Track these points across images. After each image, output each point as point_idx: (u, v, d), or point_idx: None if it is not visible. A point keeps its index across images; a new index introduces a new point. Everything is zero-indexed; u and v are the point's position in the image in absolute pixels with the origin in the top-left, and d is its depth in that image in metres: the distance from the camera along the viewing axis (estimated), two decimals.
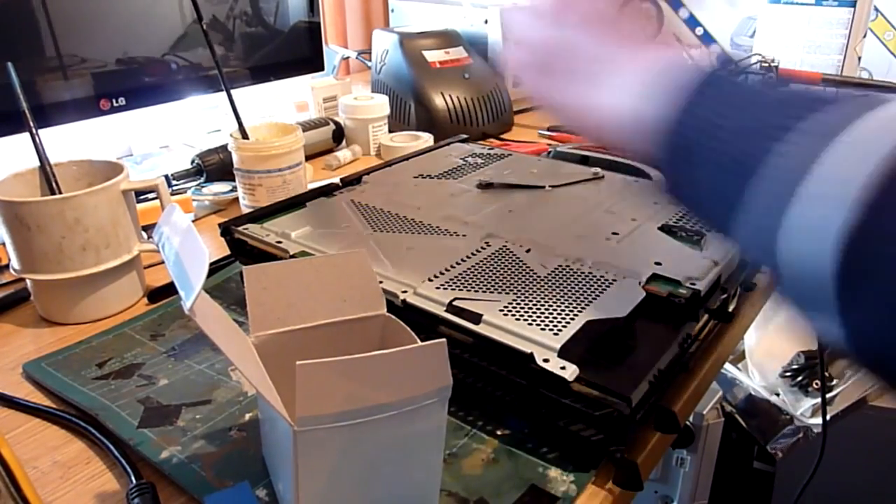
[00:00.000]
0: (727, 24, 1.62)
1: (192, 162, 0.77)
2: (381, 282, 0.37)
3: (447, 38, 0.97)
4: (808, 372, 1.11)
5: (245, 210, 0.67)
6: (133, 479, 0.35)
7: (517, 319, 0.38)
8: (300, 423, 0.27)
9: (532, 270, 0.44)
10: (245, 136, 0.65)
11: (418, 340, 0.32)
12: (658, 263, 0.44)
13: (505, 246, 0.47)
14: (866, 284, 0.24)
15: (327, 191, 0.58)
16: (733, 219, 0.30)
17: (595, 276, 0.43)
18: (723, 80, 0.33)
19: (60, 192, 0.52)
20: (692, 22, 1.67)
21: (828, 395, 1.05)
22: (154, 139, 0.89)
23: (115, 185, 0.50)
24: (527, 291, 0.41)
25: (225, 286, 0.55)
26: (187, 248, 0.28)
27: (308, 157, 0.81)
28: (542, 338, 0.36)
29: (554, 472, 0.36)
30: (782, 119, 0.28)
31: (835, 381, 1.09)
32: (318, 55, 1.01)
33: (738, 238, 0.30)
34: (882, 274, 0.23)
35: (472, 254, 0.46)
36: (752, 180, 0.29)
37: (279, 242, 0.49)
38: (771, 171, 0.27)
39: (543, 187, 0.58)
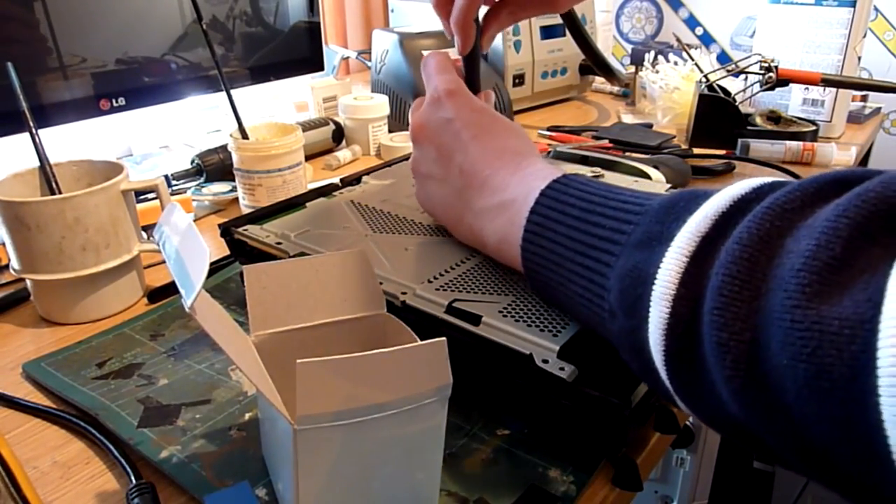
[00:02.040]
0: (727, 24, 1.62)
1: (192, 162, 0.77)
2: (380, 283, 0.37)
3: (447, 39, 0.97)
4: None
5: (245, 210, 0.67)
6: (133, 479, 0.35)
7: (516, 321, 0.38)
8: (300, 422, 0.27)
9: None
10: (245, 136, 0.65)
11: (418, 340, 0.32)
12: None
13: None
14: (686, 370, 0.26)
15: (327, 191, 0.58)
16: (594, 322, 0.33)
17: None
18: (559, 193, 0.36)
19: (60, 192, 0.52)
20: (692, 22, 1.67)
21: None
22: (154, 139, 0.89)
23: (115, 185, 0.50)
24: (526, 293, 0.41)
25: (225, 286, 0.55)
26: (188, 246, 0.28)
27: (308, 157, 0.81)
28: (541, 339, 0.36)
29: (554, 472, 0.36)
30: (611, 234, 0.31)
31: None
32: (318, 55, 1.01)
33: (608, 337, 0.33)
34: (693, 358, 0.25)
35: (472, 255, 0.46)
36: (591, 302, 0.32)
37: (279, 243, 0.49)
38: (615, 283, 0.30)
39: None
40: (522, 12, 0.51)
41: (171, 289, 0.55)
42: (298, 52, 0.98)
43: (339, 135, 0.91)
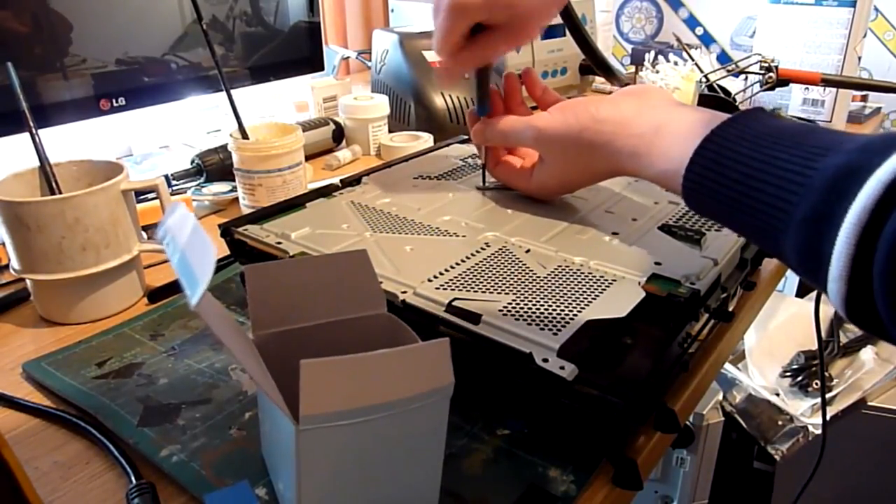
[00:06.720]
0: (727, 24, 1.62)
1: (192, 162, 0.77)
2: (380, 282, 0.37)
3: None
4: (808, 372, 1.11)
5: (245, 210, 0.67)
6: (133, 478, 0.35)
7: (516, 319, 0.38)
8: (303, 422, 0.27)
9: (531, 270, 0.44)
10: (245, 136, 0.65)
11: (419, 340, 0.32)
12: (658, 263, 0.44)
13: (504, 246, 0.47)
14: None
15: (327, 191, 0.58)
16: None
17: (595, 276, 0.43)
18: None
19: (60, 192, 0.52)
20: (692, 22, 1.66)
21: (827, 395, 1.05)
22: (154, 139, 0.89)
23: (115, 185, 0.50)
24: (526, 291, 0.41)
25: (225, 287, 0.55)
26: (193, 244, 0.28)
27: (308, 157, 0.81)
28: (541, 338, 0.36)
29: (554, 472, 0.36)
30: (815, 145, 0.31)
31: (835, 381, 1.09)
32: (318, 55, 1.01)
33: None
34: None
35: (472, 254, 0.46)
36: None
37: (279, 243, 0.49)
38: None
39: None
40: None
41: (171, 289, 0.55)
42: (298, 52, 0.98)
43: (339, 135, 0.91)
